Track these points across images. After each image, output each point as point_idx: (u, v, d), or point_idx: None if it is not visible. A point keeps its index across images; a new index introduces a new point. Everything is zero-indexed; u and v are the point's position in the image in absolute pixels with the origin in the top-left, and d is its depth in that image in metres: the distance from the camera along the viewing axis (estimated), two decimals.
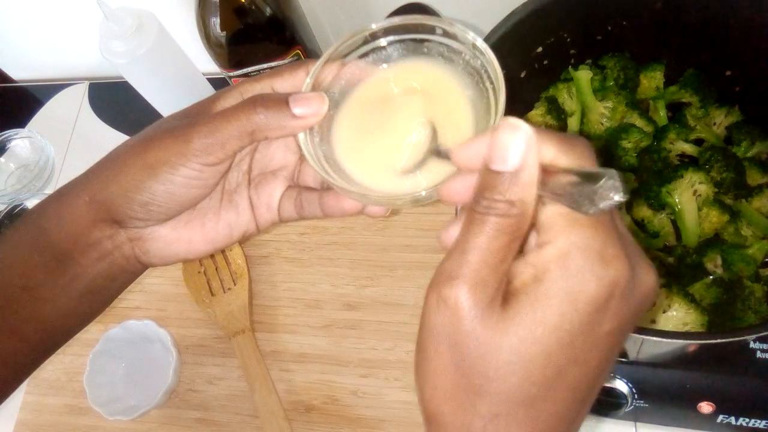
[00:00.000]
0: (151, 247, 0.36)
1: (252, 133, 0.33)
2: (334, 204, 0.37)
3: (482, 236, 0.25)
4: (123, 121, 0.90)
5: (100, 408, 0.66)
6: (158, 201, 0.34)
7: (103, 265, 0.36)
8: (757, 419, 0.54)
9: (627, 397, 0.55)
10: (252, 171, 0.39)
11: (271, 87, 0.36)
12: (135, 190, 0.34)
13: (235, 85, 0.36)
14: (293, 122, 0.33)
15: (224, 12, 0.60)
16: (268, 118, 0.32)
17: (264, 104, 0.33)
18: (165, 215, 0.35)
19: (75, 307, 0.37)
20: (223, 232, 0.38)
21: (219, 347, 0.71)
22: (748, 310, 0.55)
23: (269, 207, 0.39)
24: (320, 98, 0.33)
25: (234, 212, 0.38)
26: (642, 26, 0.63)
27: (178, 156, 0.33)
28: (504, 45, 0.57)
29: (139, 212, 0.34)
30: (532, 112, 0.67)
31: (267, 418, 0.65)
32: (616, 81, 0.65)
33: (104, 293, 0.38)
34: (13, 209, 0.81)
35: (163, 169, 0.33)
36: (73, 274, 0.36)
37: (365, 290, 0.70)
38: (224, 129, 0.33)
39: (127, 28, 0.66)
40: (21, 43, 0.92)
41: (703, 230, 0.59)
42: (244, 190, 0.38)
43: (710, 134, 0.63)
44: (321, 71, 0.35)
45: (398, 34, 0.35)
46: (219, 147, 0.33)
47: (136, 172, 0.34)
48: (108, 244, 0.36)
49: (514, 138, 0.24)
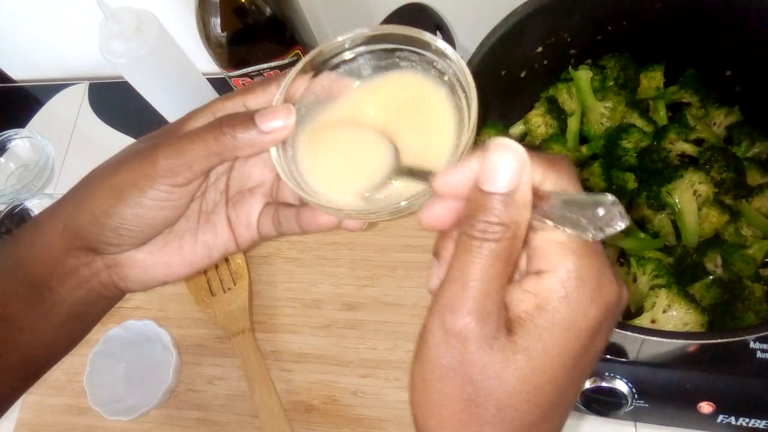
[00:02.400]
0: (129, 273, 0.36)
1: (220, 153, 0.32)
2: (311, 219, 0.36)
3: (480, 264, 0.24)
4: (123, 121, 0.90)
5: (100, 408, 0.66)
6: (128, 225, 0.34)
7: (81, 292, 0.36)
8: (757, 419, 0.54)
9: (627, 397, 0.55)
10: (230, 190, 0.38)
11: (243, 104, 0.35)
12: (104, 216, 0.33)
13: (207, 104, 0.35)
14: (262, 138, 0.32)
15: (224, 12, 0.60)
16: (236, 137, 0.32)
17: (230, 123, 0.32)
18: (138, 239, 0.35)
19: (55, 335, 0.37)
20: (201, 253, 0.37)
21: (219, 347, 0.71)
22: (748, 310, 0.55)
23: (248, 225, 0.38)
24: (286, 110, 0.32)
25: (212, 233, 0.37)
26: (642, 26, 0.63)
27: (145, 178, 0.32)
28: (504, 45, 0.57)
29: (111, 238, 0.34)
30: (532, 112, 0.67)
31: (267, 418, 0.65)
32: (616, 81, 0.65)
33: (84, 320, 0.38)
34: (13, 209, 0.81)
35: (132, 193, 0.33)
36: (51, 302, 0.35)
37: (365, 290, 0.70)
38: (191, 150, 0.32)
39: (127, 28, 0.66)
40: (21, 43, 0.92)
41: (703, 230, 0.59)
42: (222, 209, 0.38)
43: (710, 134, 0.63)
44: (292, 85, 0.34)
45: (370, 44, 0.35)
46: (186, 167, 0.32)
47: (104, 196, 0.33)
48: (85, 271, 0.35)
49: (507, 158, 0.24)
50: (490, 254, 0.24)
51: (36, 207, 0.82)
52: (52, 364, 0.39)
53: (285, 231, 0.37)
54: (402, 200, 0.30)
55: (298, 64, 0.34)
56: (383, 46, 0.34)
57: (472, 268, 0.24)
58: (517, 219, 0.24)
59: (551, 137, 0.66)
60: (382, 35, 0.34)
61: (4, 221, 0.81)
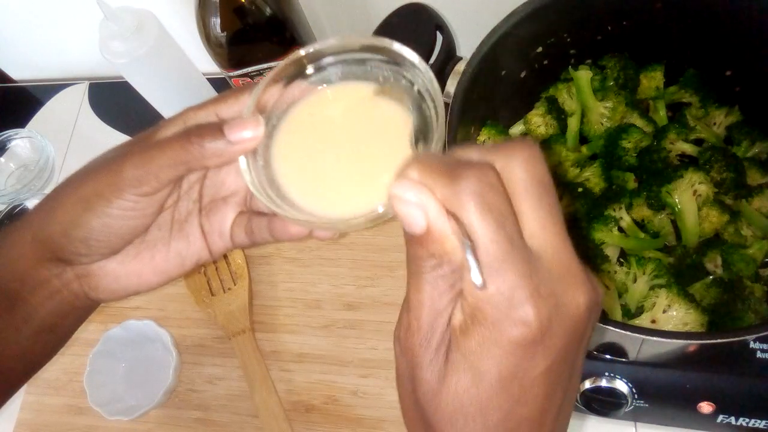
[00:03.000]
0: (100, 283, 0.36)
1: (187, 162, 0.32)
2: (282, 229, 0.36)
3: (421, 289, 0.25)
4: (123, 121, 0.90)
5: (100, 408, 0.66)
6: (96, 236, 0.33)
7: (53, 303, 0.36)
8: (757, 419, 0.54)
9: (627, 397, 0.55)
10: (203, 199, 0.38)
11: (215, 113, 0.35)
12: (72, 226, 0.33)
13: (179, 113, 0.35)
14: (230, 149, 0.32)
15: (224, 12, 0.60)
16: (204, 147, 0.32)
17: (198, 133, 0.32)
18: (107, 249, 0.35)
19: (30, 347, 0.37)
20: (174, 262, 0.37)
21: (219, 347, 0.71)
22: (748, 310, 0.55)
23: (221, 234, 0.38)
24: (255, 121, 0.32)
25: (185, 242, 0.37)
26: (642, 26, 0.63)
27: (110, 187, 0.32)
28: (504, 45, 0.57)
29: (80, 248, 0.34)
30: (532, 112, 0.67)
31: (267, 418, 0.65)
32: (616, 81, 0.65)
33: (58, 331, 0.38)
34: (13, 209, 0.81)
35: (98, 202, 0.33)
36: (24, 314, 0.35)
37: (365, 290, 0.70)
38: (157, 159, 0.32)
39: (127, 28, 0.66)
40: (21, 43, 0.92)
41: (703, 230, 0.59)
42: (195, 218, 0.38)
43: (710, 134, 0.63)
44: (263, 94, 0.34)
45: (341, 54, 0.35)
46: (152, 177, 0.32)
47: (72, 207, 0.33)
48: (56, 282, 0.35)
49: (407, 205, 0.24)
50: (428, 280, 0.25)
51: None
52: (27, 377, 0.39)
53: (258, 240, 0.38)
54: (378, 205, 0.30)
55: (269, 73, 0.34)
56: (354, 56, 0.35)
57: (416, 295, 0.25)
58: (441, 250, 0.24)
59: (551, 137, 0.66)
60: (352, 45, 0.34)
61: (4, 221, 0.81)
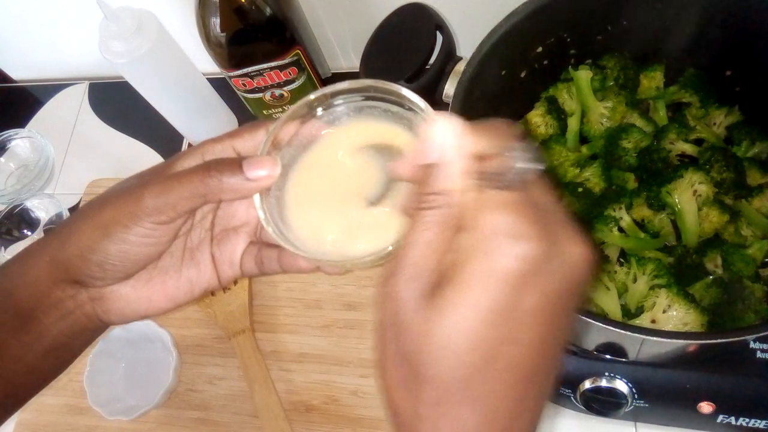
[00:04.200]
0: (112, 307, 0.37)
1: (205, 195, 0.34)
2: (291, 262, 0.38)
3: (417, 231, 0.26)
4: (123, 121, 0.90)
5: (100, 408, 0.66)
6: (113, 260, 0.34)
7: (65, 323, 0.36)
8: (757, 419, 0.54)
9: (627, 397, 0.55)
10: (215, 228, 0.39)
11: (232, 147, 0.36)
12: (90, 251, 0.34)
13: (197, 145, 0.37)
14: (247, 185, 0.34)
15: (224, 12, 0.60)
16: (222, 181, 0.33)
17: (218, 168, 0.34)
18: (123, 273, 0.36)
19: (39, 365, 0.38)
20: (184, 288, 0.38)
21: (219, 347, 0.71)
22: (748, 310, 0.55)
23: (231, 263, 0.39)
24: (272, 162, 0.34)
25: (196, 269, 0.38)
26: (642, 26, 0.63)
27: (129, 216, 0.33)
28: (504, 45, 0.57)
29: (96, 272, 0.35)
30: (532, 112, 0.67)
31: (267, 418, 0.65)
32: (616, 81, 0.65)
33: (67, 351, 0.39)
34: (13, 209, 0.81)
35: (116, 229, 0.34)
36: (36, 333, 0.36)
37: (365, 290, 0.70)
38: (176, 190, 0.33)
39: (127, 28, 0.66)
40: (21, 43, 0.92)
41: (703, 230, 0.59)
42: (207, 247, 0.39)
43: (710, 134, 0.63)
44: (279, 132, 0.35)
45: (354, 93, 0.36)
46: (170, 207, 0.33)
47: (90, 232, 0.34)
48: (70, 303, 0.36)
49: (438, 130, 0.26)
50: (425, 222, 0.26)
51: (36, 207, 0.82)
52: (32, 394, 0.40)
53: (267, 270, 0.39)
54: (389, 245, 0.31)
55: (286, 112, 0.36)
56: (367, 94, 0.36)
57: (410, 236, 0.26)
58: (448, 186, 0.26)
59: (551, 137, 0.66)
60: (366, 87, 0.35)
61: (4, 221, 0.81)
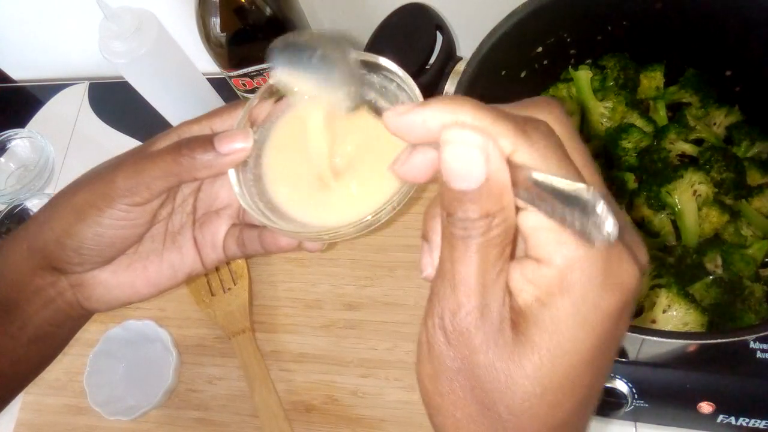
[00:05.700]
0: (93, 293, 0.37)
1: (178, 174, 0.33)
2: (272, 241, 0.37)
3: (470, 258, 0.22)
4: (123, 121, 0.90)
5: (100, 408, 0.66)
6: (89, 245, 0.34)
7: (48, 312, 0.36)
8: (757, 419, 0.54)
9: (627, 397, 0.55)
10: (196, 211, 0.39)
11: (209, 127, 0.36)
12: (65, 235, 0.34)
13: (174, 127, 0.36)
14: (220, 160, 0.33)
15: (224, 12, 0.60)
16: (195, 159, 0.33)
17: (189, 145, 0.33)
18: (100, 258, 0.35)
19: (25, 355, 0.37)
20: (166, 274, 0.38)
21: (219, 347, 0.71)
22: (748, 310, 0.55)
23: (214, 246, 0.39)
24: (244, 133, 0.33)
25: (178, 253, 0.38)
26: (642, 26, 0.63)
27: (103, 197, 0.33)
28: (504, 45, 0.57)
29: (73, 257, 0.35)
30: None
31: (267, 418, 0.65)
32: (616, 81, 0.65)
33: (53, 340, 0.38)
34: (13, 209, 0.81)
35: (91, 212, 0.33)
36: (20, 322, 0.36)
37: (365, 290, 0.70)
38: (149, 170, 0.33)
39: (127, 28, 0.66)
40: (21, 43, 0.92)
41: (703, 230, 0.59)
42: (189, 230, 0.39)
43: (710, 134, 0.63)
44: (255, 108, 0.35)
45: None
46: (144, 187, 0.33)
47: (65, 217, 0.34)
48: (51, 291, 0.36)
49: (466, 151, 0.21)
50: (478, 248, 0.22)
51: (36, 207, 0.82)
52: (21, 387, 0.40)
53: (249, 251, 0.38)
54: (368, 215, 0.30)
55: (260, 88, 0.35)
56: None
57: (462, 267, 0.22)
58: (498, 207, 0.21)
59: None
60: None
61: (4, 221, 0.81)
